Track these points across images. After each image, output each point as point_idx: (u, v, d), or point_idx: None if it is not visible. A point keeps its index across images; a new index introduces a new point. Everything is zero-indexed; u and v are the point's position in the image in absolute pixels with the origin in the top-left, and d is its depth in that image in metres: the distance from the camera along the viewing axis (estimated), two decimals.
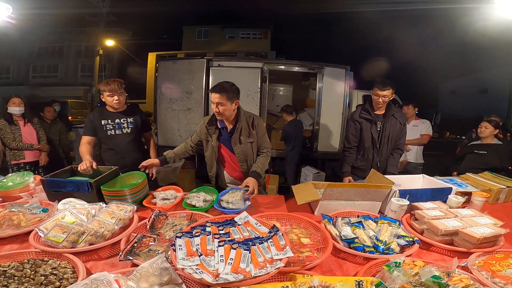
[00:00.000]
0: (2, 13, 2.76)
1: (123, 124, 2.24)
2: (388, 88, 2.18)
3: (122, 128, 2.24)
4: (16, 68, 19.35)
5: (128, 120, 2.26)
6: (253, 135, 2.00)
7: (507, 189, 1.89)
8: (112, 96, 2.14)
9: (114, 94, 2.13)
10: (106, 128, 2.20)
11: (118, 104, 2.17)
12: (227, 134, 2.01)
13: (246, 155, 2.02)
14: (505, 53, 11.39)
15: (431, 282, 0.93)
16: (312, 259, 1.09)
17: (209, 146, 2.07)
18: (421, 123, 3.84)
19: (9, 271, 0.98)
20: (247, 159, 2.04)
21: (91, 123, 2.21)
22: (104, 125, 2.20)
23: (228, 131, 2.00)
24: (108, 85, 2.13)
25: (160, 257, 0.97)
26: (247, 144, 2.00)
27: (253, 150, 2.03)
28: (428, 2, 8.40)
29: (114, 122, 2.22)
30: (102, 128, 2.20)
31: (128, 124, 2.25)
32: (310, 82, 5.64)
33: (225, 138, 2.02)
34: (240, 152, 2.01)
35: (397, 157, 2.40)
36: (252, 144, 2.01)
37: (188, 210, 1.57)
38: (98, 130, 2.21)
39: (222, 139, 2.04)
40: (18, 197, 1.73)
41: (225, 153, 2.08)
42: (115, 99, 2.14)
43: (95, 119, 2.21)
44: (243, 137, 1.98)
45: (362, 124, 2.33)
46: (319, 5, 16.93)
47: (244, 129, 1.97)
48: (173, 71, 4.46)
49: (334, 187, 1.55)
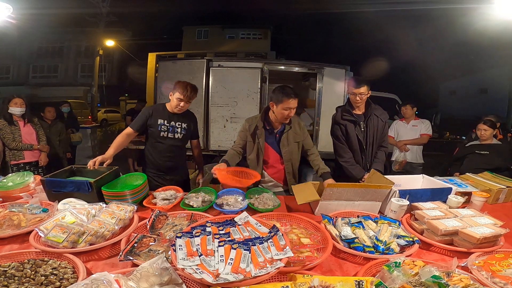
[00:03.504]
0: (2, 13, 2.77)
1: (177, 128, 2.19)
2: (363, 85, 2.17)
3: (175, 133, 2.19)
4: (16, 68, 19.37)
5: (183, 126, 2.21)
6: (300, 135, 2.13)
7: (507, 189, 1.89)
8: (181, 101, 2.07)
9: (184, 100, 2.07)
10: (161, 128, 2.15)
11: (180, 111, 2.13)
12: (274, 135, 2.11)
13: (292, 154, 2.13)
14: (505, 53, 11.41)
15: (431, 282, 0.93)
16: (312, 259, 1.09)
17: (254, 147, 2.12)
18: (421, 123, 3.84)
19: (9, 271, 0.98)
20: (291, 158, 2.13)
21: (146, 118, 2.15)
22: (160, 125, 2.15)
23: (275, 131, 2.11)
24: (185, 90, 2.04)
25: (160, 257, 0.97)
26: (294, 144, 2.12)
27: (298, 149, 2.16)
28: (428, 2, 8.41)
29: (170, 124, 2.17)
30: (158, 127, 2.15)
31: (181, 129, 2.21)
32: (310, 82, 5.63)
33: (272, 138, 2.12)
34: (286, 152, 2.11)
35: (382, 154, 2.35)
36: (298, 143, 2.14)
37: (188, 210, 1.57)
38: (152, 127, 2.16)
39: (269, 140, 2.12)
40: (18, 197, 1.73)
41: (269, 153, 2.14)
42: (181, 105, 2.08)
43: (154, 115, 2.15)
44: (291, 137, 2.10)
45: (347, 127, 2.29)
46: (319, 5, 16.96)
47: (293, 130, 2.10)
48: (173, 71, 4.46)
49: (334, 187, 1.55)
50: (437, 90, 21.70)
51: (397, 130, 3.94)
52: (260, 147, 2.10)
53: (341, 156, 2.33)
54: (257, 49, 18.13)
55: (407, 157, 3.77)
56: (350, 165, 2.29)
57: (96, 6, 12.52)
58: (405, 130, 3.88)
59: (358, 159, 2.33)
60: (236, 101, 4.37)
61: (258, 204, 1.68)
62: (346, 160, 2.30)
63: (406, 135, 3.85)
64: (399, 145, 3.82)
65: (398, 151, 3.84)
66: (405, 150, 3.76)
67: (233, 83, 4.35)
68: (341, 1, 12.98)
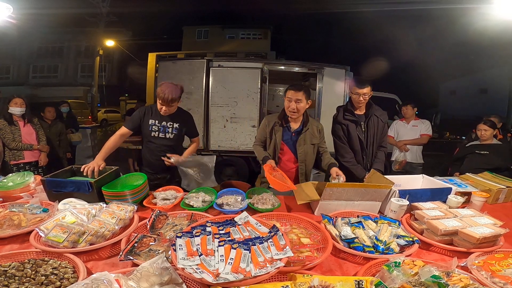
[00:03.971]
0: (2, 13, 2.77)
1: (168, 128, 2.19)
2: (367, 86, 2.18)
3: (166, 133, 2.20)
4: (16, 68, 19.36)
5: (174, 126, 2.21)
6: (317, 137, 2.14)
7: (506, 189, 1.89)
8: (162, 106, 2.07)
9: (164, 105, 2.06)
10: (152, 128, 2.17)
11: (165, 113, 2.13)
12: (290, 133, 2.12)
13: (306, 155, 2.13)
14: (505, 53, 11.40)
15: (431, 282, 0.93)
16: (312, 259, 1.09)
17: (271, 144, 2.13)
18: (421, 123, 3.84)
19: (10, 271, 0.98)
20: (306, 159, 2.14)
21: (139, 118, 2.17)
22: (151, 125, 2.17)
23: (292, 131, 2.11)
24: (163, 94, 2.00)
25: (160, 257, 0.97)
26: (310, 146, 2.12)
27: (314, 151, 2.17)
28: (428, 2, 8.41)
29: (161, 125, 2.18)
30: (149, 127, 2.17)
31: (173, 129, 2.20)
32: (310, 82, 5.63)
33: (288, 137, 2.12)
34: (302, 152, 2.11)
35: (382, 154, 2.37)
36: (314, 146, 2.15)
37: (188, 210, 1.58)
38: (144, 127, 2.18)
39: (285, 138, 2.12)
40: (18, 197, 1.74)
41: (284, 151, 2.15)
42: (163, 109, 2.08)
43: (145, 116, 2.17)
44: (308, 138, 2.11)
45: (348, 126, 2.29)
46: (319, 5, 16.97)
47: (310, 132, 2.11)
48: (173, 72, 4.47)
49: (334, 187, 1.55)
50: (437, 90, 21.69)
51: (397, 130, 3.94)
52: (277, 144, 2.11)
53: (343, 156, 2.33)
54: (257, 49, 18.13)
55: (407, 157, 3.78)
56: (351, 165, 2.29)
57: (96, 6, 12.52)
58: (405, 130, 3.88)
59: (359, 159, 2.33)
60: (236, 101, 4.38)
61: (258, 204, 1.68)
62: (348, 160, 2.30)
63: (406, 135, 3.85)
64: (399, 145, 3.82)
65: (398, 151, 3.84)
66: (405, 150, 3.76)
67: (233, 83, 4.36)
68: (341, 1, 12.98)
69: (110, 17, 13.06)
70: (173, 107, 2.11)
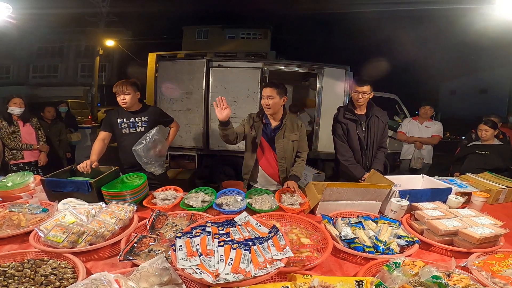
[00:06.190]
0: (2, 13, 2.77)
1: (137, 123, 2.29)
2: (366, 84, 2.19)
3: (136, 127, 2.29)
4: (16, 68, 19.37)
5: (143, 119, 2.30)
6: (296, 135, 2.15)
7: (507, 190, 1.89)
8: (119, 96, 2.21)
9: (120, 94, 2.20)
10: (121, 126, 2.27)
11: (123, 103, 2.22)
12: (271, 130, 2.14)
13: (286, 152, 2.15)
14: (505, 53, 11.41)
15: (431, 282, 0.93)
16: (312, 259, 1.09)
17: (252, 140, 2.16)
18: (434, 124, 3.84)
19: (9, 271, 0.98)
20: (285, 156, 2.15)
21: (109, 120, 2.28)
22: (120, 123, 2.26)
23: (272, 127, 2.14)
24: (116, 86, 2.21)
25: (160, 257, 0.97)
26: (289, 142, 2.14)
27: (293, 148, 2.18)
28: (428, 3, 8.40)
29: (129, 121, 2.28)
30: (118, 126, 2.26)
31: (142, 123, 2.30)
32: (310, 82, 5.64)
33: (268, 134, 2.15)
34: (281, 149, 2.13)
35: (382, 155, 2.37)
36: (294, 143, 2.16)
37: (188, 210, 1.57)
38: (114, 128, 2.28)
39: (265, 135, 2.15)
40: (18, 197, 1.73)
41: (264, 149, 2.17)
42: (121, 98, 2.21)
43: (112, 116, 2.29)
44: (286, 135, 2.12)
45: (348, 125, 2.30)
46: (319, 5, 16.97)
47: (289, 128, 2.13)
48: (173, 71, 4.46)
49: (334, 187, 1.55)
50: (438, 90, 21.68)
51: (409, 128, 3.94)
52: (256, 139, 2.13)
53: (342, 154, 2.33)
54: (257, 49, 18.12)
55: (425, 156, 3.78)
56: (350, 164, 2.29)
57: (96, 6, 12.53)
58: (418, 130, 3.88)
59: (359, 159, 2.34)
60: (236, 101, 4.37)
61: (255, 205, 1.67)
62: (347, 158, 2.31)
63: (418, 134, 3.86)
64: (410, 141, 3.83)
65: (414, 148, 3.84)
66: (417, 148, 3.77)
67: (233, 83, 4.35)
68: (341, 1, 12.99)
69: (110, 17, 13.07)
70: (130, 95, 2.21)
